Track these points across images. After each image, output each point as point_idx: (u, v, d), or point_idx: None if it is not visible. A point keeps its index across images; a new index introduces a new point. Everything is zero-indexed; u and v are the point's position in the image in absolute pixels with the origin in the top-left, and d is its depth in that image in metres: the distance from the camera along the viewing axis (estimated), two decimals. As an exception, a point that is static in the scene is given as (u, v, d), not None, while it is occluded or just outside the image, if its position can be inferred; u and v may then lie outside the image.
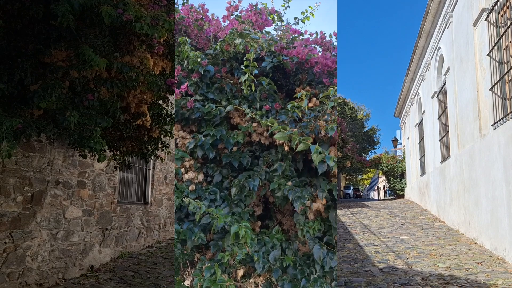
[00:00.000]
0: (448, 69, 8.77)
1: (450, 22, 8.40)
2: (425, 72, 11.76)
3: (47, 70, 3.30)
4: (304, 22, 4.32)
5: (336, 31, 4.45)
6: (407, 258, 6.17)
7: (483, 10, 6.36)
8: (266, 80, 3.66)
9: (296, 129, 3.27)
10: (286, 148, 3.25)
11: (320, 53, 4.24)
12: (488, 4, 6.22)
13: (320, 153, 2.93)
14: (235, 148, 3.75)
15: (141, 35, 3.44)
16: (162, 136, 5.03)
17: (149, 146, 5.04)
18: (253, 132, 3.64)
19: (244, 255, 3.11)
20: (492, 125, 6.06)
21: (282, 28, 4.41)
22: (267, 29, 4.30)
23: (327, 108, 3.41)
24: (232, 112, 3.82)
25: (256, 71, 3.65)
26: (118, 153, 5.01)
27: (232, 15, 4.31)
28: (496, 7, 5.98)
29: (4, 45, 3.21)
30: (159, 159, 5.94)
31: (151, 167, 8.10)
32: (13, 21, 3.18)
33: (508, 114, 5.51)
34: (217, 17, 4.45)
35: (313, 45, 4.38)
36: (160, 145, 5.18)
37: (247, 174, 3.49)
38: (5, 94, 3.11)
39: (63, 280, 5.22)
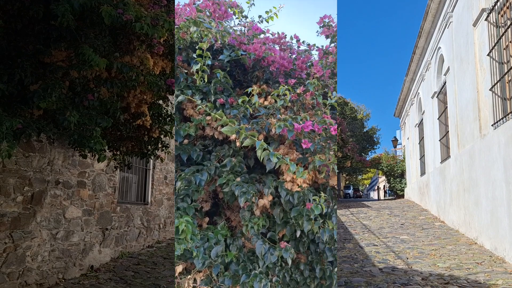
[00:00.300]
0: (448, 69, 8.77)
1: (450, 22, 8.40)
2: (425, 72, 11.76)
3: (47, 70, 3.30)
4: (268, 22, 4.31)
5: (296, 34, 4.53)
6: (407, 258, 6.17)
7: (483, 10, 6.36)
8: (221, 73, 3.60)
9: (246, 125, 3.25)
10: (238, 144, 3.23)
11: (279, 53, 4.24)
12: (488, 4, 6.22)
13: (265, 149, 2.97)
14: (186, 141, 3.68)
15: (141, 35, 3.44)
16: (162, 136, 5.03)
17: (149, 146, 5.04)
18: (206, 126, 3.58)
19: (183, 251, 3.10)
20: (492, 125, 6.06)
21: (246, 24, 4.40)
22: (230, 23, 4.24)
23: (277, 106, 3.42)
24: (185, 103, 3.74)
25: (209, 62, 3.59)
26: (118, 153, 5.01)
27: (194, 3, 4.26)
28: (496, 7, 5.98)
29: (4, 45, 3.21)
30: (159, 159, 5.94)
31: (151, 167, 8.10)
32: (13, 21, 3.18)
33: (508, 114, 5.51)
34: (181, 6, 4.38)
35: (271, 44, 4.39)
36: (160, 145, 5.18)
37: (195, 168, 3.44)
38: (5, 94, 3.11)
39: (63, 280, 5.22)
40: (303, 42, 4.46)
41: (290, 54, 4.40)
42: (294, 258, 3.29)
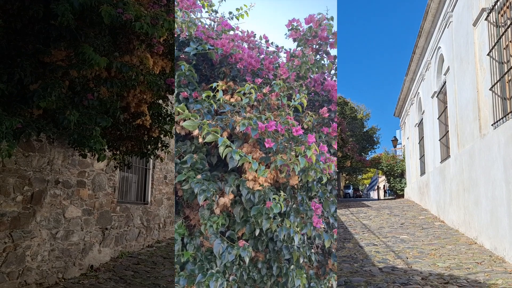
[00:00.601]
0: (448, 68, 8.77)
1: (450, 22, 8.40)
2: (425, 71, 11.76)
3: (46, 70, 3.30)
4: (238, 19, 4.28)
5: (265, 34, 4.47)
6: (407, 258, 6.17)
7: (483, 10, 6.36)
8: (186, 65, 3.48)
9: (210, 121, 3.19)
10: (200, 140, 3.18)
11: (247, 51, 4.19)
12: (488, 3, 6.22)
13: (227, 146, 2.93)
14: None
15: (141, 35, 3.44)
16: (162, 136, 5.03)
17: (149, 146, 5.04)
18: None
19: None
20: (492, 125, 6.06)
21: (216, 19, 4.36)
22: (197, 15, 4.18)
23: (243, 104, 3.37)
24: None
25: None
26: (118, 152, 5.01)
27: None
28: (496, 6, 5.98)
29: (4, 44, 3.21)
30: (158, 158, 5.94)
31: (151, 166, 8.10)
32: (13, 20, 3.18)
33: (508, 114, 5.51)
34: None
35: (240, 42, 4.35)
36: (160, 145, 5.18)
37: None
38: (4, 93, 3.11)
39: (62, 280, 5.22)
40: (272, 43, 4.45)
41: (258, 54, 4.37)
42: (252, 256, 3.25)
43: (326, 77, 4.41)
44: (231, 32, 4.35)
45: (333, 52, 4.19)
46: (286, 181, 3.29)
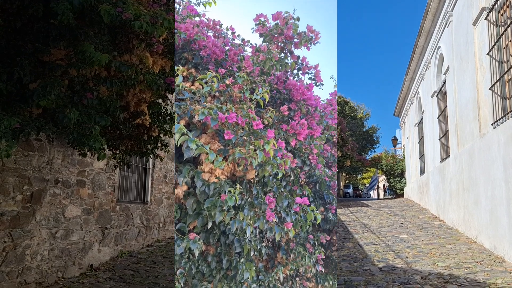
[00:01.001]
0: (448, 68, 8.77)
1: (450, 21, 8.40)
2: (425, 71, 11.75)
3: (46, 69, 3.30)
4: (205, 7, 4.20)
5: (232, 25, 4.38)
6: (407, 257, 6.17)
7: (483, 9, 6.36)
8: None
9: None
10: None
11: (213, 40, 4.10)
12: (488, 3, 6.22)
13: (184, 134, 2.79)
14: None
15: (140, 34, 3.43)
16: (161, 135, 5.03)
17: (149, 145, 5.03)
18: None
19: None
20: (491, 124, 6.06)
21: (182, 3, 4.28)
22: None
23: (203, 92, 3.24)
24: None
25: None
26: (118, 152, 5.01)
27: None
28: (496, 6, 5.97)
29: (3, 43, 3.20)
30: (158, 158, 5.94)
31: (150, 166, 8.09)
32: (12, 19, 3.18)
33: (507, 113, 5.51)
34: None
35: (205, 29, 4.28)
36: (159, 144, 5.18)
37: None
38: (4, 93, 3.10)
39: (62, 279, 5.22)
40: (238, 36, 4.39)
41: (223, 44, 4.26)
42: (202, 250, 3.19)
43: (288, 75, 4.40)
44: (197, 18, 4.25)
45: (297, 52, 4.19)
46: (243, 174, 3.23)
